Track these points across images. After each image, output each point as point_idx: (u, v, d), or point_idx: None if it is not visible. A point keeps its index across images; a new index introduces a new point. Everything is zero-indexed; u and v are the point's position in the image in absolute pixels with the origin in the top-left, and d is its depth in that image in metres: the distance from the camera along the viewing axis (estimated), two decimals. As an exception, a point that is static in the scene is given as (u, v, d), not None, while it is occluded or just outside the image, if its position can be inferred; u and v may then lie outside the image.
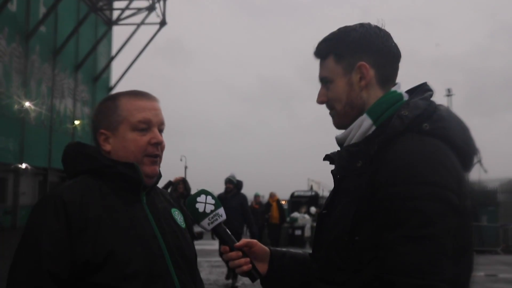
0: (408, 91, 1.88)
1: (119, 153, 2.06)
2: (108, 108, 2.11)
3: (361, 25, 1.87)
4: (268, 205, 20.75)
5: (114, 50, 39.48)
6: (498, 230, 22.47)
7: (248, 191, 19.53)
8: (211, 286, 11.52)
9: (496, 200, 24.38)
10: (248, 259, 1.96)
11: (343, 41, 1.85)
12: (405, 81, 1.92)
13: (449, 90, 38.42)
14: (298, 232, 21.35)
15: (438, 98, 1.85)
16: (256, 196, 20.62)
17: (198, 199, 2.00)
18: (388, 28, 1.88)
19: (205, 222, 1.97)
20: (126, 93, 2.14)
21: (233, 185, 11.78)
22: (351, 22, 1.91)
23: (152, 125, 2.08)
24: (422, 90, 1.85)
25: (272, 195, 20.83)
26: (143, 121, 2.06)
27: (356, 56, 1.83)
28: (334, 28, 1.92)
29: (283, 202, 21.99)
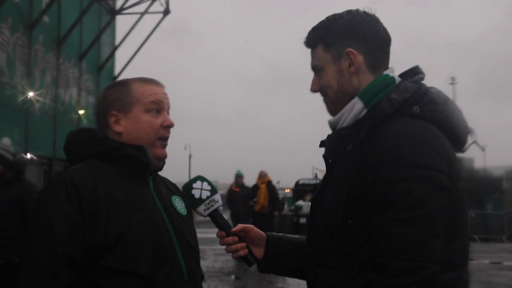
0: (400, 75, 1.88)
1: (132, 134, 2.11)
2: (120, 91, 2.16)
3: (349, 12, 1.91)
4: (255, 188, 15.38)
5: (118, 40, 39.48)
6: (503, 218, 22.45)
7: (253, 180, 16.02)
8: (216, 274, 11.59)
9: (501, 188, 24.31)
10: (244, 244, 1.98)
11: (330, 29, 1.89)
12: (415, 64, 1.94)
13: (453, 78, 38.37)
14: (303, 220, 21.33)
15: (442, 86, 1.84)
16: (238, 177, 15.55)
17: (194, 185, 2.01)
18: (400, 7, 1.87)
19: (201, 208, 1.99)
20: (137, 79, 2.21)
21: (4, 167, 5.82)
22: (359, 4, 1.92)
23: (163, 107, 2.15)
24: (413, 73, 1.88)
25: (261, 175, 15.50)
26: (155, 101, 2.13)
27: (343, 43, 1.87)
28: (336, 8, 1.94)
29: (287, 190, 19.94)
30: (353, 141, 1.77)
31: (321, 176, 33.70)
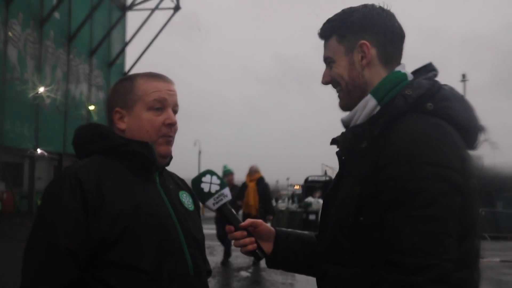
0: (413, 72, 1.88)
1: (134, 132, 2.07)
2: (125, 87, 2.12)
3: (364, 5, 1.88)
4: (243, 187, 12.45)
5: (128, 36, 39.63)
6: (514, 216, 22.31)
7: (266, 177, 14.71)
8: (226, 269, 11.59)
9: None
10: (253, 239, 1.97)
11: (345, 21, 1.86)
12: (430, 61, 1.91)
13: (463, 76, 38.04)
14: (312, 217, 21.35)
15: (456, 83, 1.83)
16: (228, 173, 12.76)
17: (203, 179, 2.00)
18: (416, 2, 1.86)
19: (210, 202, 1.98)
20: (143, 74, 2.16)
21: None
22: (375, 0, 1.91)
23: (167, 105, 2.09)
24: (426, 70, 1.85)
25: (251, 171, 12.48)
26: (158, 99, 2.07)
27: (357, 36, 1.84)
28: (352, 3, 1.94)
29: (297, 187, 19.25)
30: (367, 138, 1.75)
31: (330, 173, 33.77)
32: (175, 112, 2.13)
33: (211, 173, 2.02)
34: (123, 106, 2.09)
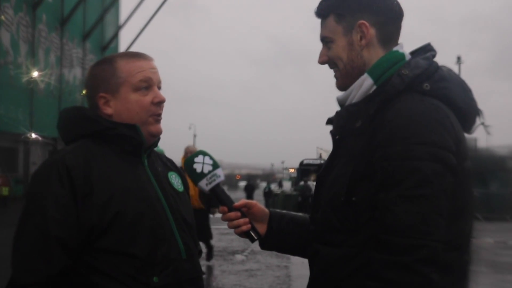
0: (411, 52, 1.86)
1: (122, 116, 2.04)
2: (106, 71, 2.07)
3: None
4: None
5: (122, 19, 39.36)
6: (507, 197, 22.42)
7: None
8: (221, 253, 11.63)
9: (505, 166, 24.25)
10: (247, 219, 1.96)
11: (344, 0, 1.83)
12: (427, 40, 1.89)
13: (459, 58, 38.03)
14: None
15: (450, 65, 1.82)
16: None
17: (196, 159, 1.98)
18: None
19: (203, 182, 1.96)
20: (122, 55, 2.12)
21: None
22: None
23: (152, 83, 2.06)
24: (424, 50, 1.83)
25: (188, 154, 9.27)
26: (144, 80, 2.03)
27: (356, 15, 1.81)
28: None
29: (291, 170, 19.39)
30: (362, 117, 1.74)
31: (325, 156, 33.80)
32: (159, 88, 2.09)
33: (204, 153, 2.00)
34: (107, 91, 2.04)
